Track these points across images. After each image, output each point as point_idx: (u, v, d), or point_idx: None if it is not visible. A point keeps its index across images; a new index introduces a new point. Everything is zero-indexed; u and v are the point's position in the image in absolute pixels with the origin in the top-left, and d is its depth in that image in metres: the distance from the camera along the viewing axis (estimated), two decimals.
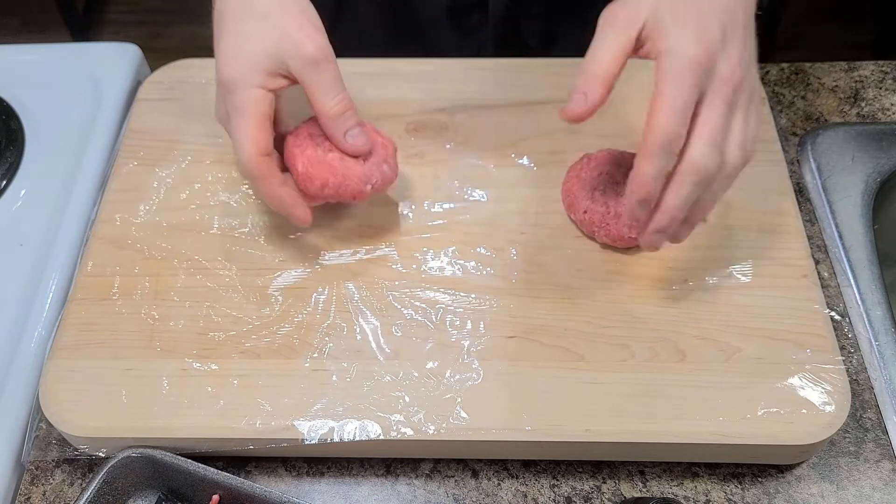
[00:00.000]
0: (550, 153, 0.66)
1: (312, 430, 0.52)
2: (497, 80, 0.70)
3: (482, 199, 0.63)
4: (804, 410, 0.52)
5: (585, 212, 0.59)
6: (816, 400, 0.53)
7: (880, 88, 0.75)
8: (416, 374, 0.54)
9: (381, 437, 0.52)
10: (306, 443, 0.52)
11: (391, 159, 0.59)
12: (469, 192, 0.64)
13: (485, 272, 0.59)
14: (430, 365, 0.55)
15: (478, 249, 0.60)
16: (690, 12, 0.50)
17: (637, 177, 0.50)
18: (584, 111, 0.51)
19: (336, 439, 0.52)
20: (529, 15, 0.78)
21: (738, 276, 0.59)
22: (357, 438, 0.52)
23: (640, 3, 0.51)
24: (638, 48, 0.51)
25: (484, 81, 0.70)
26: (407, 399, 0.53)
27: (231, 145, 0.55)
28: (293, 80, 0.55)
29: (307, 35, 0.53)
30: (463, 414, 0.53)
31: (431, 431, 0.52)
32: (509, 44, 0.80)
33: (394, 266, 0.60)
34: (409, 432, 0.52)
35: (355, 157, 0.57)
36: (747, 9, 0.51)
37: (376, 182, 0.58)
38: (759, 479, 0.55)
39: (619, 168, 0.59)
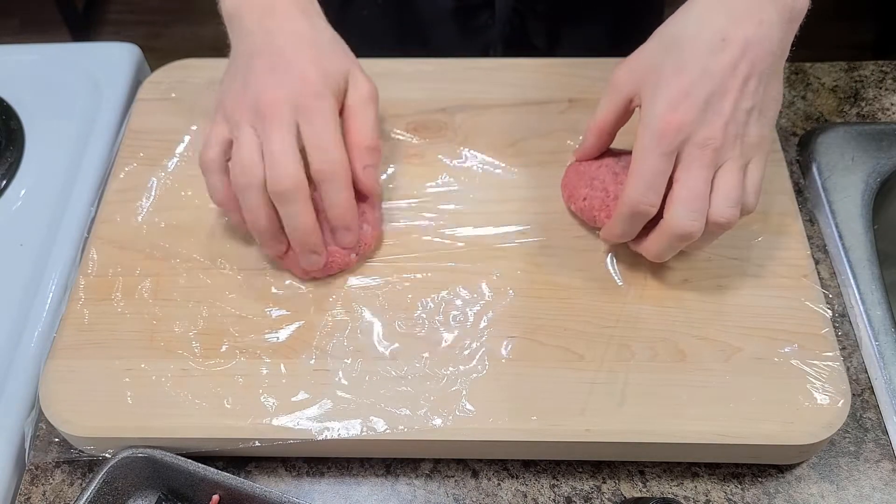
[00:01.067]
0: (550, 153, 0.66)
1: (317, 427, 0.52)
2: (497, 80, 0.70)
3: (482, 200, 0.63)
4: (804, 410, 0.52)
5: (585, 199, 0.59)
6: (816, 400, 0.53)
7: (880, 88, 0.75)
8: (418, 373, 0.54)
9: (388, 433, 0.52)
10: (313, 440, 0.52)
11: (370, 215, 0.59)
12: (469, 192, 0.64)
13: (482, 272, 0.59)
14: (431, 364, 0.55)
15: (475, 249, 0.60)
16: (672, 83, 0.51)
17: (607, 233, 0.56)
18: (580, 156, 0.61)
19: (342, 436, 0.52)
20: (535, 14, 0.78)
21: (738, 276, 0.59)
22: (362, 435, 0.52)
23: (635, 68, 0.54)
24: (636, 106, 0.55)
25: (484, 81, 0.70)
26: (411, 397, 0.53)
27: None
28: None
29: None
30: (465, 414, 0.53)
31: (436, 428, 0.52)
32: (515, 44, 0.80)
33: (395, 265, 0.60)
34: (414, 429, 0.52)
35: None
36: (756, 62, 0.51)
37: (360, 248, 0.59)
38: (759, 479, 0.55)
39: (617, 161, 0.60)
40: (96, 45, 0.79)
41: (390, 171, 0.65)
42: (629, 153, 0.60)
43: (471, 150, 0.66)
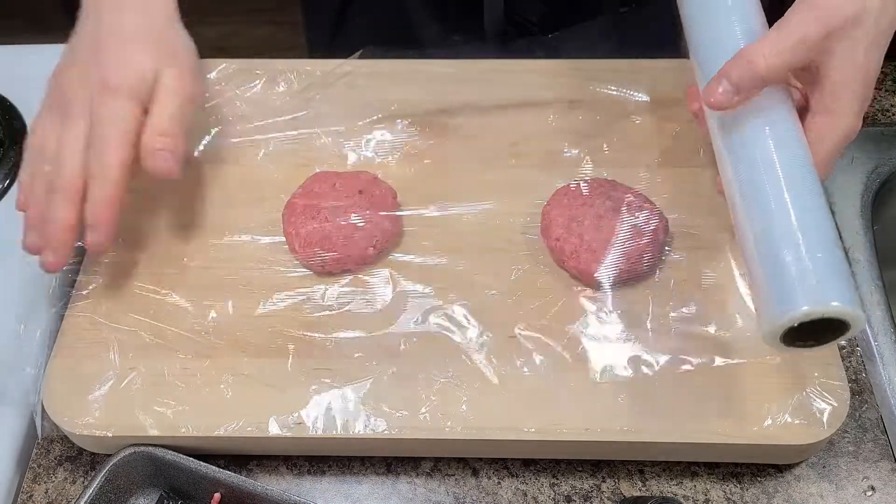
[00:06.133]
0: (550, 153, 0.66)
1: (319, 426, 0.53)
2: (497, 81, 0.70)
3: (482, 200, 0.63)
4: (803, 410, 0.52)
5: (557, 239, 0.58)
6: (816, 400, 0.53)
7: (880, 90, 0.75)
8: (420, 373, 0.55)
9: (388, 433, 0.52)
10: (314, 438, 0.52)
11: (392, 210, 0.60)
12: (469, 192, 0.64)
13: (485, 272, 0.59)
14: (432, 364, 0.55)
15: (477, 249, 0.61)
16: (860, 77, 0.49)
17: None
18: (730, 105, 0.50)
19: (343, 435, 0.52)
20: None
21: (738, 276, 0.59)
22: (363, 434, 0.52)
23: (839, 14, 0.49)
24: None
25: (484, 82, 0.70)
26: (412, 397, 0.54)
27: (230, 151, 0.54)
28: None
29: None
30: (465, 413, 0.53)
31: (436, 429, 0.52)
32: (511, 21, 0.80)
33: (395, 266, 0.60)
34: (415, 429, 0.52)
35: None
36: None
37: (377, 242, 0.59)
38: (759, 479, 0.55)
39: (606, 200, 0.59)
40: None
41: (394, 170, 0.65)
42: (623, 189, 0.60)
43: (471, 150, 0.66)
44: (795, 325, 0.44)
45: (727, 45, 0.52)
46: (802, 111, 0.52)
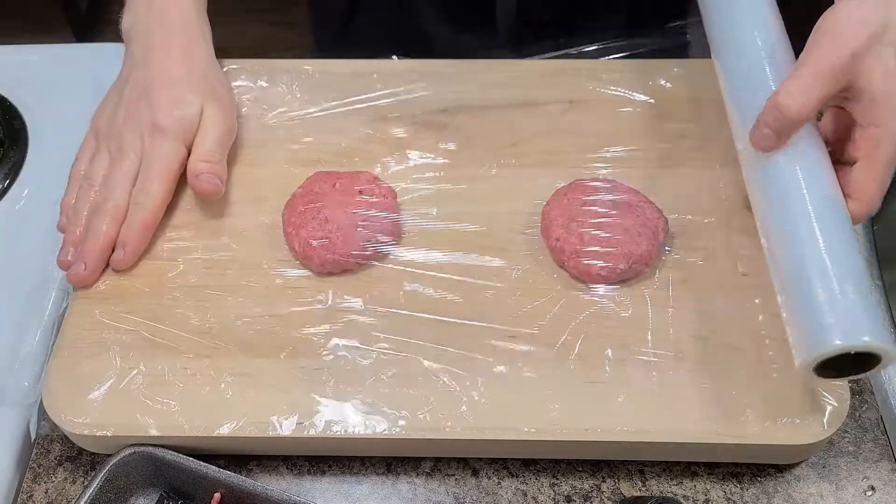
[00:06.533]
0: (550, 153, 0.66)
1: (319, 426, 0.53)
2: (498, 80, 0.70)
3: (482, 200, 0.63)
4: (803, 410, 0.52)
5: (557, 239, 0.58)
6: (816, 400, 0.53)
7: None
8: (419, 374, 0.55)
9: (388, 433, 0.52)
10: (314, 438, 0.52)
11: (392, 210, 0.60)
12: (469, 192, 0.64)
13: (484, 272, 0.59)
14: (433, 364, 0.55)
15: (477, 249, 0.61)
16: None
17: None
18: (774, 147, 0.53)
19: (342, 435, 0.52)
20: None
21: (739, 276, 0.59)
22: (363, 434, 0.52)
23: (858, 37, 0.50)
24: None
25: (485, 82, 0.70)
26: (411, 398, 0.54)
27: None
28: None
29: None
30: (465, 413, 0.53)
31: (436, 429, 0.52)
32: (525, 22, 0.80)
33: (395, 266, 0.60)
34: (413, 430, 0.52)
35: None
36: None
37: (377, 242, 0.59)
38: (758, 479, 0.55)
39: (606, 200, 0.59)
40: (100, 46, 0.80)
41: (395, 170, 0.65)
42: (623, 189, 0.60)
43: (471, 150, 0.66)
44: (827, 358, 0.47)
45: (746, 49, 0.56)
46: (848, 132, 0.53)
